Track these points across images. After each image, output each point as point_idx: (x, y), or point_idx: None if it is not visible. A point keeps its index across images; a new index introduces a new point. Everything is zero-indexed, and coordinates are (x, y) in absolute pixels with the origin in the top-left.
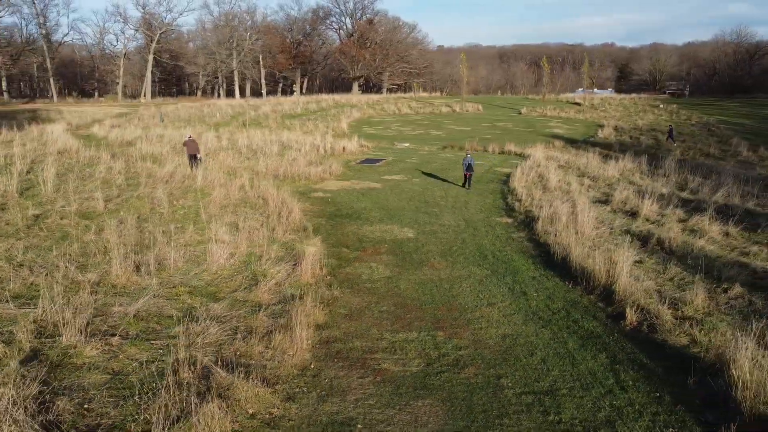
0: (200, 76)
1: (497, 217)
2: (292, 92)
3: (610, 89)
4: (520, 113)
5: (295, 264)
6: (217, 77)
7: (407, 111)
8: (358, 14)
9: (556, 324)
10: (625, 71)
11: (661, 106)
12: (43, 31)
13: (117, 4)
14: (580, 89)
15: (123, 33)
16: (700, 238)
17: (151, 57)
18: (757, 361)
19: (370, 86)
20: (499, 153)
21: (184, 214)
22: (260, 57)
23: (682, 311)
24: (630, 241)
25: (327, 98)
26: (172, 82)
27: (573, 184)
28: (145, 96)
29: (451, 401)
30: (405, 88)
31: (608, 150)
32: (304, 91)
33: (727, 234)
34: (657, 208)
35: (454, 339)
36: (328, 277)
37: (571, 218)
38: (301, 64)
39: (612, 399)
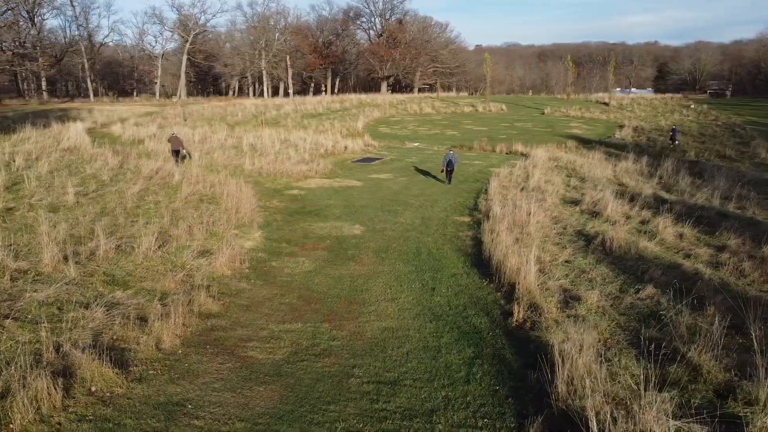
0: (232, 77)
1: (457, 216)
2: (324, 92)
3: (649, 89)
4: (543, 113)
5: (220, 257)
6: (246, 77)
7: (429, 111)
8: (387, 14)
9: (445, 319)
10: (664, 71)
11: (692, 106)
12: (82, 33)
13: (153, 6)
14: (617, 89)
15: (161, 34)
16: (651, 239)
17: (184, 58)
18: (574, 360)
19: (402, 86)
20: (506, 153)
21: (148, 209)
22: (287, 57)
23: (575, 309)
24: (575, 241)
25: (353, 98)
26: (209, 82)
27: (555, 185)
28: (178, 96)
29: (292, 387)
30: (437, 87)
31: (620, 151)
32: (336, 90)
33: (681, 236)
34: (627, 209)
35: (334, 331)
36: (247, 270)
37: (525, 218)
38: (332, 65)
39: (449, 391)
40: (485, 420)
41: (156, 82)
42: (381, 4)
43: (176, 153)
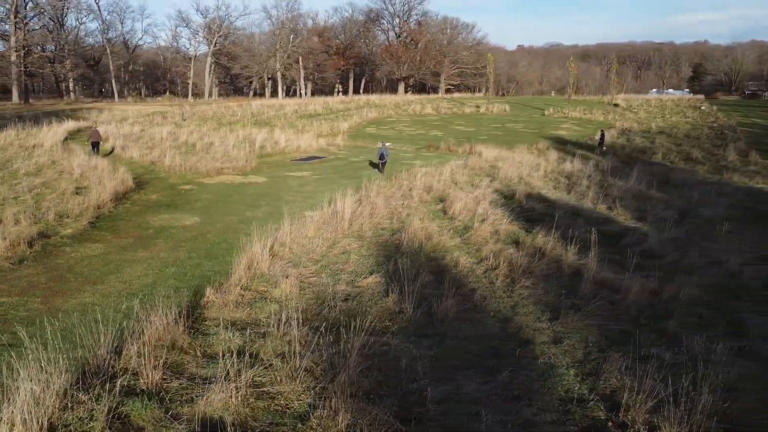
0: (249, 78)
1: (307, 211)
2: (340, 92)
3: (686, 89)
4: (543, 114)
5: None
6: (261, 77)
7: (429, 112)
8: (405, 15)
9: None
10: (699, 71)
11: (702, 107)
12: (110, 36)
13: (180, 9)
14: (653, 90)
15: (194, 36)
16: (462, 235)
17: (209, 59)
18: None
19: (427, 87)
20: (468, 153)
21: (18, 198)
22: (299, 59)
23: (271, 294)
24: (380, 235)
25: (363, 99)
26: (231, 82)
27: (444, 183)
28: (198, 96)
29: None
30: (462, 88)
31: (588, 151)
32: (360, 91)
33: (497, 232)
34: (476, 208)
35: (40, 305)
36: (28, 253)
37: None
38: (354, 66)
39: None
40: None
41: (188, 83)
42: (399, 5)
43: (95, 145)
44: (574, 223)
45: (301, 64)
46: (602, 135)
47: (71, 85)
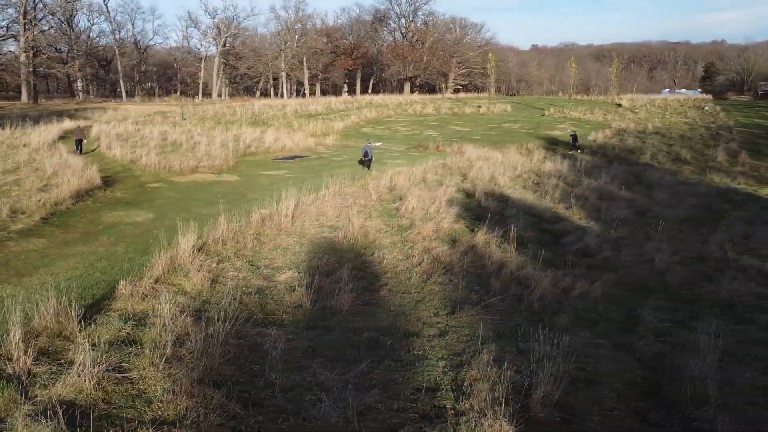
0: (254, 77)
1: (264, 209)
2: (347, 93)
3: (698, 89)
4: (543, 115)
5: None
6: (268, 78)
7: (430, 112)
8: (411, 15)
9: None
10: (710, 71)
11: (706, 108)
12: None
13: (189, 11)
14: (666, 90)
15: (204, 37)
16: (401, 234)
17: (217, 60)
18: None
19: (436, 87)
20: (456, 153)
21: None
22: (303, 59)
23: (183, 287)
24: (322, 233)
25: (365, 99)
26: (239, 82)
27: (414, 182)
28: (209, 96)
29: None
30: (471, 88)
31: (577, 152)
32: (369, 91)
33: (438, 230)
34: (444, 207)
35: None
36: None
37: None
38: (362, 66)
39: None
40: None
41: (199, 83)
42: (405, 4)
43: (78, 143)
44: (522, 222)
45: (305, 64)
46: (573, 136)
47: (80, 85)
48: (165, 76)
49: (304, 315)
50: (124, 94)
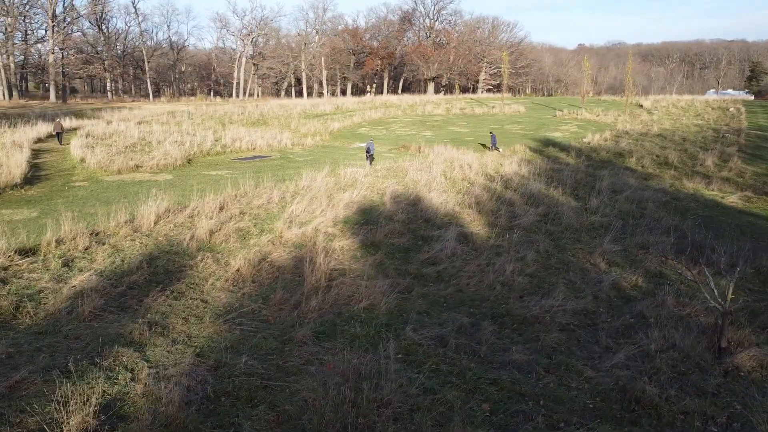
0: (285, 77)
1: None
2: (372, 92)
3: (745, 90)
4: (555, 116)
5: None
6: (287, 78)
7: (440, 112)
8: (435, 15)
9: None
10: (756, 70)
11: (731, 109)
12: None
13: (218, 12)
14: (711, 90)
15: (233, 38)
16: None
17: (243, 60)
18: None
19: (467, 87)
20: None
21: None
22: (321, 60)
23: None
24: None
25: (380, 99)
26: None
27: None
28: (244, 95)
29: None
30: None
31: (565, 154)
32: (399, 91)
33: (303, 234)
34: (334, 211)
35: None
36: None
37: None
38: (389, 66)
39: None
40: None
41: (232, 83)
42: (430, 4)
43: (58, 135)
44: (400, 226)
45: (323, 64)
46: (493, 137)
47: (109, 85)
48: (200, 76)
49: None
50: (150, 94)
